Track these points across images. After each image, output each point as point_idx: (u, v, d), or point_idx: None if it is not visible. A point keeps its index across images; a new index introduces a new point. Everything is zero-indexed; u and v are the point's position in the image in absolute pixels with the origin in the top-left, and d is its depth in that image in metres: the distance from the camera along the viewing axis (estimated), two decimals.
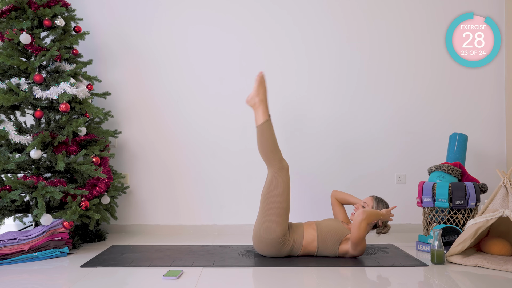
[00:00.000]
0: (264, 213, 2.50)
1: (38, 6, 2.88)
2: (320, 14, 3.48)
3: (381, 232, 2.64)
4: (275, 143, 2.53)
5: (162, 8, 3.48)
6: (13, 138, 2.71)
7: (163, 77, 3.48)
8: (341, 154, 3.47)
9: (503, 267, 2.28)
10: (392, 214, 2.60)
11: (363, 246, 2.47)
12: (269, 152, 2.51)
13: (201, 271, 2.27)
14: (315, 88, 3.48)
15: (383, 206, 2.63)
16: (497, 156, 3.49)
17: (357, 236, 2.39)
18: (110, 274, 2.23)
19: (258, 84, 2.57)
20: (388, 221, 2.62)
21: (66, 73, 2.89)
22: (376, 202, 2.64)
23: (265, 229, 2.48)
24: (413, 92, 3.49)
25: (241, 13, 3.48)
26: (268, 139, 2.51)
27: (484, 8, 3.48)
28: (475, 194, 2.86)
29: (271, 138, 2.51)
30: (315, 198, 3.41)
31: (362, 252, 2.49)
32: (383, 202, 2.66)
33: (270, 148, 2.51)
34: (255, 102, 2.56)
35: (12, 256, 2.46)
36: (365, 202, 2.65)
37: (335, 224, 2.56)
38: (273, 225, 2.47)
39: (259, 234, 2.50)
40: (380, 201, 2.66)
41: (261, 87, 2.57)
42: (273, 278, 2.17)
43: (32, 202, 2.73)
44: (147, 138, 3.46)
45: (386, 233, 2.65)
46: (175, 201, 3.43)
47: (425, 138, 3.48)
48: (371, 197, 2.68)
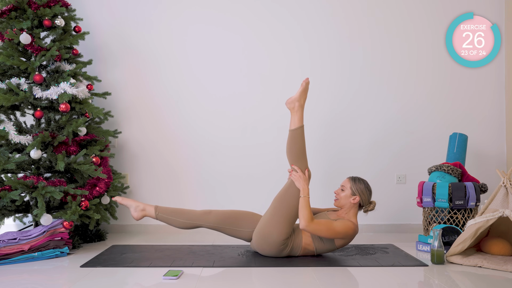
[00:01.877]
0: (274, 213, 2.51)
1: (38, 6, 2.88)
2: (321, 14, 3.48)
3: (368, 210, 2.59)
4: (304, 150, 2.57)
5: (162, 8, 3.48)
6: (13, 138, 2.71)
7: (163, 77, 3.48)
8: (341, 154, 3.47)
9: (503, 267, 2.28)
10: (302, 174, 2.55)
11: (342, 228, 2.44)
12: (296, 157, 2.56)
13: (201, 271, 2.27)
14: (316, 88, 3.47)
15: (360, 183, 2.57)
16: (497, 156, 3.49)
17: (325, 233, 2.43)
18: (110, 274, 2.23)
19: (302, 89, 2.60)
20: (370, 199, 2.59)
21: (66, 73, 2.89)
22: (353, 182, 2.58)
23: (270, 228, 2.48)
24: (413, 92, 3.49)
25: (241, 12, 3.48)
26: (298, 145, 2.55)
27: (484, 8, 3.48)
28: (475, 194, 2.86)
29: (300, 144, 2.55)
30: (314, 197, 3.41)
31: (348, 232, 2.46)
32: (359, 180, 2.59)
33: (298, 154, 2.56)
34: (295, 106, 2.59)
35: (12, 256, 2.46)
36: (342, 185, 2.60)
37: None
38: (279, 227, 2.47)
39: (263, 232, 2.50)
40: (356, 180, 2.59)
41: (304, 93, 2.60)
42: (273, 278, 2.17)
43: (32, 202, 2.73)
44: (147, 138, 3.46)
45: (372, 210, 2.60)
46: (175, 201, 3.43)
47: (425, 138, 3.48)
48: (348, 179, 2.62)
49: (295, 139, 2.55)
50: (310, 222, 2.41)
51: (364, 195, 2.55)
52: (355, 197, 2.53)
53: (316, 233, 2.44)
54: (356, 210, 2.57)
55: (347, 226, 2.47)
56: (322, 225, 2.44)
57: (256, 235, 2.55)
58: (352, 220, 2.53)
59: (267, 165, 3.43)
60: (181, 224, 2.61)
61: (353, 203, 2.54)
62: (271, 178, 3.37)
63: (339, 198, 2.58)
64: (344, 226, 2.46)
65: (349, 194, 2.55)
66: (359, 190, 2.55)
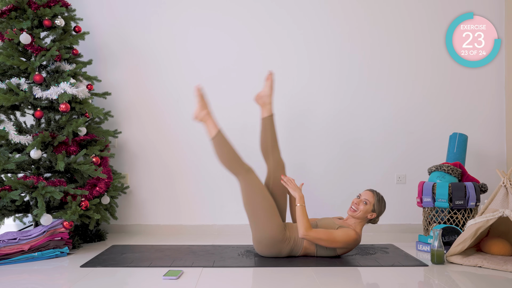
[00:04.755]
0: (253, 219, 2.52)
1: (38, 6, 2.88)
2: (322, 15, 3.48)
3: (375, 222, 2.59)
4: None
5: (162, 8, 3.48)
6: (13, 138, 2.71)
7: (163, 77, 3.48)
8: (341, 154, 3.47)
9: (503, 267, 2.28)
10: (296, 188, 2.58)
11: (342, 237, 2.42)
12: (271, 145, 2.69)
13: (201, 271, 2.27)
14: (315, 89, 3.48)
15: (382, 204, 2.54)
16: (497, 156, 3.49)
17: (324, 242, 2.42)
18: (110, 274, 2.23)
19: (270, 83, 2.74)
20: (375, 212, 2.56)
21: (66, 73, 2.89)
22: (377, 201, 2.53)
23: (261, 232, 2.49)
24: (413, 92, 3.49)
25: (240, 13, 3.48)
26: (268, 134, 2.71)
27: (484, 8, 3.48)
28: (475, 194, 2.86)
29: (270, 134, 2.71)
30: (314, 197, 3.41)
31: (349, 241, 2.44)
32: (382, 199, 2.56)
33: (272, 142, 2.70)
34: (266, 101, 2.72)
35: (12, 256, 2.46)
36: (366, 199, 2.52)
37: (329, 225, 2.54)
38: (266, 225, 2.47)
39: (258, 238, 2.51)
40: (380, 199, 2.55)
41: (272, 87, 2.75)
42: (273, 278, 2.17)
43: (32, 202, 2.73)
44: (147, 138, 3.46)
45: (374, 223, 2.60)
46: (175, 201, 3.43)
47: (425, 138, 3.48)
48: (372, 194, 2.55)
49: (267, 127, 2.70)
50: (308, 230, 2.40)
51: (380, 213, 2.57)
52: (373, 214, 2.53)
53: (316, 241, 2.43)
54: (365, 223, 2.57)
55: (348, 235, 2.44)
56: (321, 233, 2.42)
57: (254, 244, 2.56)
58: (356, 230, 2.51)
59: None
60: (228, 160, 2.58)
61: (369, 218, 2.53)
62: None
63: (358, 210, 2.51)
64: (346, 235, 2.44)
65: (369, 210, 2.52)
66: (378, 209, 2.55)
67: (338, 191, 3.42)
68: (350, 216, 2.56)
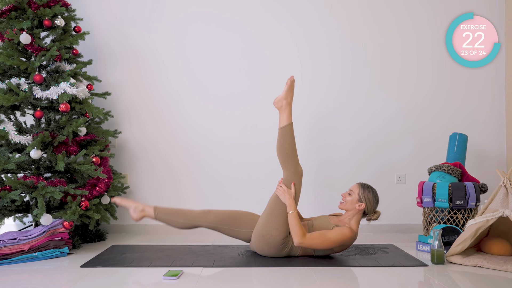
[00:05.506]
0: (270, 213, 2.51)
1: (38, 6, 2.88)
2: (322, 14, 3.48)
3: (371, 219, 2.56)
4: (294, 147, 2.56)
5: (162, 8, 3.48)
6: (13, 138, 2.71)
7: (163, 77, 3.48)
8: (341, 154, 3.47)
9: (503, 267, 2.28)
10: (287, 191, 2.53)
11: (337, 237, 2.42)
12: (286, 155, 2.55)
13: (201, 271, 2.27)
14: (316, 89, 3.48)
15: (368, 191, 2.55)
16: (497, 156, 3.49)
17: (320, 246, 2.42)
18: (110, 274, 2.23)
19: (288, 87, 2.61)
20: (375, 209, 2.57)
21: (66, 73, 2.89)
22: (362, 188, 2.55)
23: (268, 229, 2.49)
24: (413, 92, 3.49)
25: (241, 12, 3.48)
26: (287, 142, 2.54)
27: (484, 8, 3.48)
28: (475, 194, 2.86)
29: (290, 142, 2.55)
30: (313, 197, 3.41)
31: (344, 240, 2.43)
32: (369, 188, 2.57)
33: (288, 152, 2.55)
34: (282, 104, 2.60)
35: (12, 256, 2.46)
36: (351, 190, 2.57)
37: (324, 225, 2.54)
38: (277, 227, 2.47)
39: (262, 232, 2.50)
40: (365, 187, 2.56)
41: (290, 91, 2.61)
42: (273, 278, 2.17)
43: (32, 202, 2.73)
44: (147, 138, 3.46)
45: (376, 219, 2.57)
46: (175, 201, 3.43)
47: (425, 138, 3.48)
48: (357, 184, 2.59)
49: (284, 137, 2.55)
50: (303, 238, 2.39)
51: (371, 203, 2.53)
52: (361, 204, 2.51)
53: (312, 247, 2.43)
54: (359, 217, 2.55)
55: (343, 234, 2.44)
56: (316, 238, 2.42)
57: (255, 236, 2.55)
58: (352, 227, 2.50)
59: (266, 165, 3.43)
60: (180, 224, 2.61)
61: (358, 209, 2.52)
62: (271, 178, 3.37)
63: (345, 202, 2.55)
64: (340, 234, 2.43)
65: (355, 200, 2.53)
66: (366, 197, 2.53)
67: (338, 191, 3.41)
68: (342, 210, 2.61)
